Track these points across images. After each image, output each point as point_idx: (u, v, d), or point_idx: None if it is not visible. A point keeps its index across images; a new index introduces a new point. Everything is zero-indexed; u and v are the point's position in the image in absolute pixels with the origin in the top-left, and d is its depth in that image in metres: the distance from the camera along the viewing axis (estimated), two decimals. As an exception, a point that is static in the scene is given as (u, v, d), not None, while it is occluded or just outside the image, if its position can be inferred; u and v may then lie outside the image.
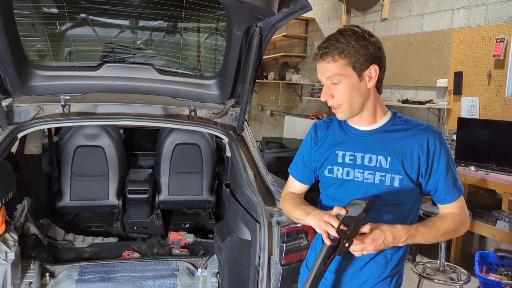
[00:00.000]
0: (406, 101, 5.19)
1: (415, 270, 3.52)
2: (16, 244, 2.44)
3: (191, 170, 3.77)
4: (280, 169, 2.78)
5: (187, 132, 3.66)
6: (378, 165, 1.44)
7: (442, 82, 4.86)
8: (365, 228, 1.30)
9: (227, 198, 2.67)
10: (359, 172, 1.47)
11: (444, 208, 1.47)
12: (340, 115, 1.47)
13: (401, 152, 1.41)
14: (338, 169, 1.51)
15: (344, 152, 1.51)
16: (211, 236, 3.42)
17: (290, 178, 1.75)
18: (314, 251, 1.65)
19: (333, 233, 1.29)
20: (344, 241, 1.28)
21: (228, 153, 3.73)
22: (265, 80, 8.29)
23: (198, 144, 3.74)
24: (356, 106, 1.43)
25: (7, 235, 2.43)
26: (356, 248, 1.30)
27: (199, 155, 3.76)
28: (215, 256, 2.83)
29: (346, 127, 1.54)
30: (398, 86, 5.51)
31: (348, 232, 1.28)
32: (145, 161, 4.21)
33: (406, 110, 5.36)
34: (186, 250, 3.17)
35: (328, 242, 1.32)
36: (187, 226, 3.75)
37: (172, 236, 3.28)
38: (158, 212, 3.69)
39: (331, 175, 1.53)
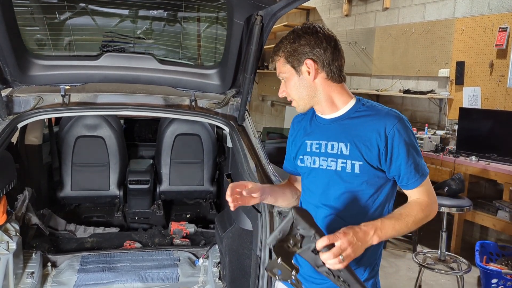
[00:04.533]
0: (407, 91, 5.17)
1: (416, 260, 3.53)
2: (17, 234, 2.45)
3: (192, 161, 3.77)
4: (281, 159, 2.76)
5: (187, 122, 3.65)
6: (339, 152, 1.47)
7: (444, 72, 4.84)
8: (323, 241, 1.22)
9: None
10: (323, 159, 1.51)
11: (410, 193, 1.47)
12: (296, 109, 1.55)
13: (360, 139, 1.44)
14: (307, 158, 1.56)
15: (312, 141, 1.55)
16: (212, 226, 3.43)
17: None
18: None
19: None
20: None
21: (229, 144, 3.72)
22: (265, 70, 8.25)
23: (199, 135, 3.74)
24: (304, 99, 1.49)
25: (8, 225, 2.43)
26: (331, 261, 1.21)
27: (200, 146, 3.76)
28: (216, 246, 2.84)
29: (315, 117, 1.58)
30: (399, 76, 5.48)
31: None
32: (146, 151, 4.21)
33: (407, 100, 5.34)
34: (187, 240, 3.18)
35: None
36: (188, 216, 3.76)
37: (173, 226, 3.29)
38: (159, 203, 3.69)
39: (303, 165, 1.58)
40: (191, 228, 3.30)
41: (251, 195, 1.56)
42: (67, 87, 2.52)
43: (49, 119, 3.57)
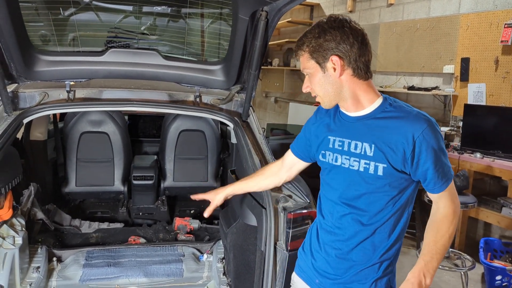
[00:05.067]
0: (412, 88, 5.15)
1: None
2: (23, 229, 2.46)
3: (196, 157, 3.78)
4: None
5: (192, 118, 3.65)
6: (363, 152, 1.44)
7: (448, 68, 4.81)
8: None
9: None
10: (345, 158, 1.49)
11: (434, 197, 1.46)
12: (321, 104, 1.54)
13: (385, 141, 1.40)
14: (329, 154, 1.55)
15: (334, 138, 1.54)
16: (216, 222, 3.44)
17: (287, 152, 1.83)
18: (309, 234, 1.70)
19: None
20: None
21: (233, 140, 3.73)
22: (269, 67, 8.23)
23: (203, 131, 3.74)
24: (330, 96, 1.47)
25: (14, 220, 2.45)
26: None
27: (204, 142, 3.76)
28: (221, 242, 2.85)
29: (339, 113, 1.56)
30: (404, 73, 5.46)
31: None
32: (150, 147, 4.22)
33: (412, 96, 5.32)
34: (192, 235, 3.19)
35: None
36: (192, 212, 3.77)
37: (178, 222, 3.30)
38: (163, 198, 3.70)
39: (324, 160, 1.57)
40: (195, 224, 3.31)
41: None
42: (72, 82, 2.53)
43: (54, 115, 3.58)
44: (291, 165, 1.84)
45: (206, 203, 4.02)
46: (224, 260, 2.66)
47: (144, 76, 2.59)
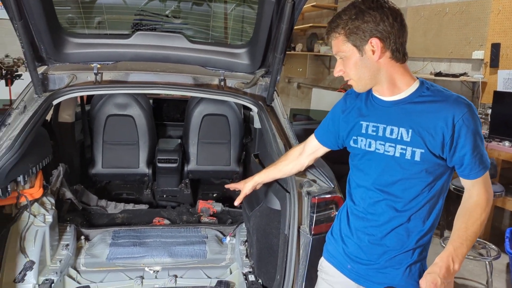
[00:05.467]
0: (439, 74, 5.03)
1: (443, 245, 3.48)
2: (53, 207, 2.54)
3: (219, 141, 3.80)
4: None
5: (215, 103, 3.67)
6: (399, 138, 1.41)
7: (478, 54, 4.67)
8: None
9: (255, 168, 2.68)
10: (380, 144, 1.46)
11: (468, 183, 1.43)
12: (355, 89, 1.50)
13: (424, 126, 1.37)
14: (362, 140, 1.52)
15: (368, 123, 1.50)
16: (238, 206, 3.46)
17: (310, 137, 1.82)
18: (338, 220, 1.68)
19: None
20: None
21: (256, 125, 3.73)
22: (292, 52, 8.16)
23: (226, 115, 3.75)
24: (365, 80, 1.43)
25: (44, 199, 2.52)
26: None
27: (227, 126, 3.77)
28: (243, 225, 2.88)
29: (371, 97, 1.52)
30: (431, 58, 5.32)
31: None
32: (174, 131, 4.26)
33: (438, 83, 5.14)
34: (215, 218, 3.23)
35: None
36: (214, 195, 3.80)
37: (201, 204, 3.34)
38: (187, 181, 3.75)
39: (356, 146, 1.54)
40: (218, 207, 3.34)
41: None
42: (99, 65, 2.56)
43: (81, 98, 3.64)
44: (313, 150, 1.83)
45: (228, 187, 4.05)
46: (246, 243, 2.69)
47: (170, 59, 2.61)
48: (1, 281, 2.07)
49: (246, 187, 2.02)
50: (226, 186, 2.22)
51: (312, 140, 1.82)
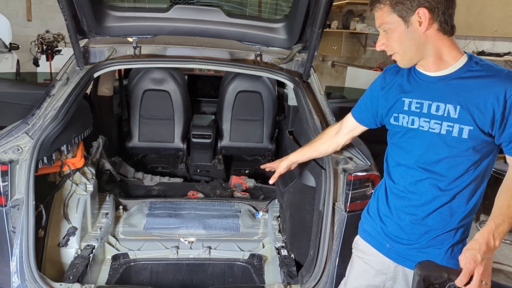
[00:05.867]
0: (481, 53, 4.82)
1: (479, 228, 3.41)
2: (93, 177, 2.63)
3: (252, 118, 3.81)
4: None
5: (249, 79, 3.66)
6: (446, 114, 1.36)
7: (525, 32, 4.45)
8: (462, 280, 1.23)
9: (290, 145, 2.68)
10: (424, 121, 1.41)
11: None
12: (399, 63, 1.45)
13: (473, 102, 1.32)
14: (403, 117, 1.47)
15: (410, 100, 1.45)
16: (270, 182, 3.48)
17: (347, 115, 1.79)
18: (376, 198, 1.65)
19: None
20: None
21: (290, 102, 3.71)
22: (327, 29, 7.99)
23: (260, 92, 3.74)
24: (410, 53, 1.38)
25: (86, 169, 2.62)
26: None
27: (260, 103, 3.77)
28: (276, 201, 2.90)
29: (414, 72, 1.46)
30: (473, 37, 5.10)
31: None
32: (208, 107, 4.30)
33: (481, 62, 4.99)
34: (247, 194, 3.27)
35: None
36: (246, 172, 3.84)
37: (234, 180, 3.37)
38: (220, 157, 3.80)
39: (396, 123, 1.50)
40: (250, 183, 3.37)
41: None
42: (138, 39, 2.59)
43: (119, 72, 3.71)
44: (350, 128, 1.80)
45: (260, 163, 4.09)
46: (279, 218, 2.71)
47: (207, 33, 2.60)
48: (46, 245, 2.17)
49: (280, 166, 2.03)
50: (262, 166, 2.23)
51: (349, 119, 1.78)
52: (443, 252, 1.48)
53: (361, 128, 1.77)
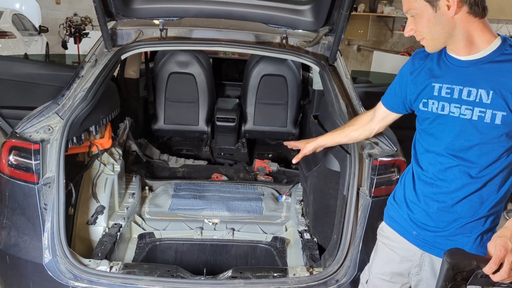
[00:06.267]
0: (516, 37, 4.64)
1: (507, 217, 3.34)
2: (120, 158, 2.69)
3: (277, 102, 3.80)
4: (369, 104, 2.67)
5: (274, 63, 3.64)
6: (477, 100, 1.32)
7: None
8: (491, 268, 1.18)
9: (315, 129, 2.66)
10: (455, 106, 1.37)
11: None
12: (427, 48, 1.41)
13: (507, 86, 1.27)
14: (433, 103, 1.43)
15: (440, 85, 1.41)
16: (294, 167, 3.49)
17: (379, 103, 1.75)
18: (402, 185, 1.63)
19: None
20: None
21: (315, 86, 3.68)
22: (354, 12, 7.83)
23: (285, 76, 3.72)
24: (439, 38, 1.34)
25: (113, 150, 2.68)
26: (507, 279, 1.19)
27: (285, 87, 3.75)
28: (299, 185, 2.90)
29: (445, 57, 1.42)
30: (506, 20, 4.92)
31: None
32: (232, 91, 4.31)
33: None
34: (270, 177, 3.28)
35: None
36: (270, 156, 3.85)
37: (257, 163, 3.39)
38: (244, 141, 3.81)
39: (426, 109, 1.46)
40: (274, 167, 3.38)
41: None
42: (164, 21, 2.60)
43: (145, 55, 3.75)
44: (383, 116, 1.76)
45: (283, 148, 4.09)
46: (302, 202, 2.72)
47: (233, 16, 2.59)
48: (76, 222, 2.24)
49: (307, 147, 2.01)
50: (285, 143, 2.20)
51: (380, 107, 1.75)
52: (472, 240, 1.45)
53: (393, 116, 1.73)
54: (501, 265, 1.16)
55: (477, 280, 1.22)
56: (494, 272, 1.17)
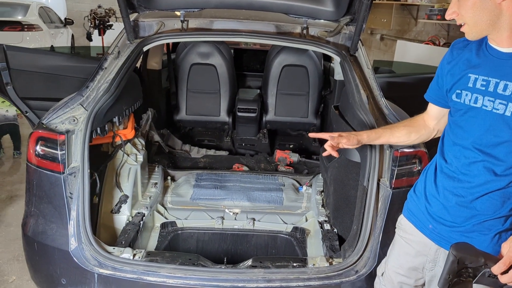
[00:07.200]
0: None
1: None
2: (143, 148, 2.74)
3: (298, 93, 3.79)
4: (392, 94, 2.64)
5: (295, 53, 3.62)
6: None
7: None
8: (500, 268, 1.17)
9: (335, 119, 2.65)
10: (489, 100, 1.32)
11: None
12: (467, 35, 1.34)
13: None
14: (466, 94, 1.37)
15: (476, 76, 1.35)
16: (314, 157, 3.48)
17: (428, 106, 1.64)
18: (424, 177, 1.60)
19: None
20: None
21: (336, 76, 3.64)
22: (376, 1, 7.69)
23: (306, 66, 3.70)
24: (482, 25, 1.28)
25: (136, 140, 2.73)
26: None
27: (306, 78, 3.73)
28: (320, 176, 2.90)
29: (486, 47, 1.36)
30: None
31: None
32: (253, 81, 4.31)
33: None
34: (291, 168, 3.29)
35: None
36: (291, 146, 3.85)
37: (278, 154, 3.40)
38: (265, 131, 3.82)
39: (458, 100, 1.41)
40: (294, 157, 3.39)
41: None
42: (185, 12, 2.62)
43: (167, 46, 3.78)
44: (435, 115, 1.63)
45: (304, 138, 4.07)
46: (323, 193, 2.72)
47: (253, 6, 2.58)
48: (100, 211, 2.30)
49: (351, 140, 1.64)
50: (311, 134, 1.85)
51: (429, 107, 1.64)
52: (489, 239, 1.41)
53: (439, 110, 1.60)
54: (511, 267, 1.14)
55: (484, 279, 1.20)
56: (503, 273, 1.15)
